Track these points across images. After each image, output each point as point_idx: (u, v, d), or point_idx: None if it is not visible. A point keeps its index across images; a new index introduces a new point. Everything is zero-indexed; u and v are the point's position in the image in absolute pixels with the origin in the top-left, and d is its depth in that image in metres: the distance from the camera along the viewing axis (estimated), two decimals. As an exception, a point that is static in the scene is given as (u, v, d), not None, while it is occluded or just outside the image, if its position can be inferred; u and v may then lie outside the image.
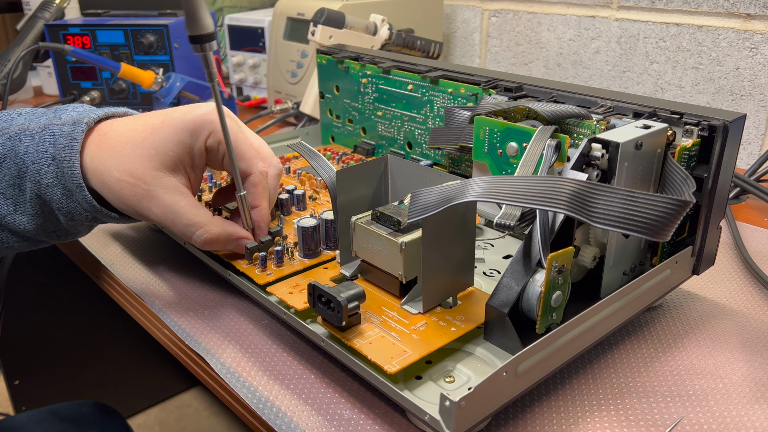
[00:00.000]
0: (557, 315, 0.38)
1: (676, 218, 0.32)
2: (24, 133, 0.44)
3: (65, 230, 0.47)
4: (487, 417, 0.34)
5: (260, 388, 0.40)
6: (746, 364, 0.42)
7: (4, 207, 0.45)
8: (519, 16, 1.04)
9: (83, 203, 0.44)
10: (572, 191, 0.32)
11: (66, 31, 0.95)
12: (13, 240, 0.47)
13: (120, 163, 0.43)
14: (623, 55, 0.92)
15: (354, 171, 0.46)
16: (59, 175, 0.43)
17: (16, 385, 1.18)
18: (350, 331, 0.39)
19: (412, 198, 0.38)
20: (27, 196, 0.45)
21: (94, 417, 0.78)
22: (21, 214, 0.45)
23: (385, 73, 0.64)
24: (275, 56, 0.97)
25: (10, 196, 0.45)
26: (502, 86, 0.54)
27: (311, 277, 0.46)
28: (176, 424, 1.42)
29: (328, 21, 0.81)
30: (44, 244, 0.49)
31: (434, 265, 0.39)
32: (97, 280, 0.60)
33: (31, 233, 0.46)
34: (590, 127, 0.44)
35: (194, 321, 0.47)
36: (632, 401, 0.38)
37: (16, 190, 0.45)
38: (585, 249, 0.40)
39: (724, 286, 0.51)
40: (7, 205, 0.45)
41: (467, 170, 0.59)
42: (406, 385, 0.37)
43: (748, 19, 0.79)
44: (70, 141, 0.43)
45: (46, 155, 0.43)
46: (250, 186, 0.46)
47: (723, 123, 0.41)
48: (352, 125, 0.72)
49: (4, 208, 0.45)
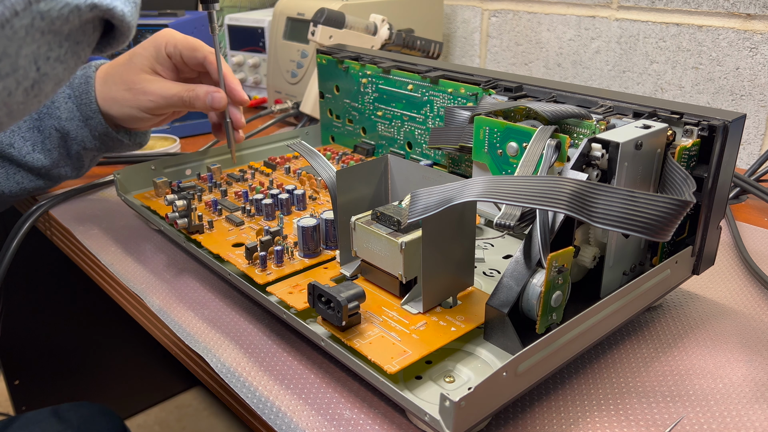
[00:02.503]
0: (557, 315, 0.38)
1: (677, 218, 0.32)
2: None
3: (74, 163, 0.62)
4: (487, 417, 0.34)
5: (260, 388, 0.40)
6: (746, 364, 0.42)
7: (24, 148, 0.59)
8: (519, 16, 1.04)
9: (98, 127, 0.59)
10: (572, 191, 0.32)
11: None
12: (27, 180, 0.61)
13: (117, 82, 0.58)
14: (623, 55, 0.92)
15: (354, 171, 0.46)
16: (77, 107, 0.59)
17: (16, 385, 1.18)
18: (350, 331, 0.39)
19: (412, 198, 0.38)
20: (46, 133, 0.59)
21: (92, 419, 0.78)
22: (39, 152, 0.60)
23: (385, 73, 0.64)
24: (275, 56, 0.97)
25: (29, 138, 0.59)
26: (502, 86, 0.54)
27: (311, 277, 0.46)
28: (176, 424, 1.42)
29: (328, 21, 0.81)
30: (53, 184, 0.64)
31: (434, 265, 0.39)
32: (97, 280, 0.60)
33: (45, 169, 0.61)
34: (590, 127, 0.44)
35: (194, 321, 0.47)
36: (632, 401, 0.38)
37: (35, 132, 0.59)
38: (585, 249, 0.40)
39: (724, 286, 0.51)
40: (26, 147, 0.59)
41: (467, 170, 0.59)
42: (406, 385, 0.37)
43: (748, 19, 0.79)
44: (85, 80, 0.59)
45: (64, 95, 0.59)
46: (209, 65, 0.60)
47: (723, 123, 0.41)
48: (352, 125, 0.72)
49: (24, 149, 0.59)
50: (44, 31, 0.25)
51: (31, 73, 0.26)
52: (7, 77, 0.25)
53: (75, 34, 0.27)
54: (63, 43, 0.27)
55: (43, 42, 0.25)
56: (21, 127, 0.59)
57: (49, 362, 1.21)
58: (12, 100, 0.26)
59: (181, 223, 0.52)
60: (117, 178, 0.62)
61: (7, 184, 0.61)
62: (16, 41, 0.24)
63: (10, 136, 0.59)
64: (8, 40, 0.24)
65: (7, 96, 0.25)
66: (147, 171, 0.64)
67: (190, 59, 0.59)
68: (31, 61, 0.26)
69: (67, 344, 1.22)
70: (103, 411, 0.81)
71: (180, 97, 0.58)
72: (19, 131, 0.59)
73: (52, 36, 0.26)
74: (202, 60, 0.60)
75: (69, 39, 0.27)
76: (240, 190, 0.60)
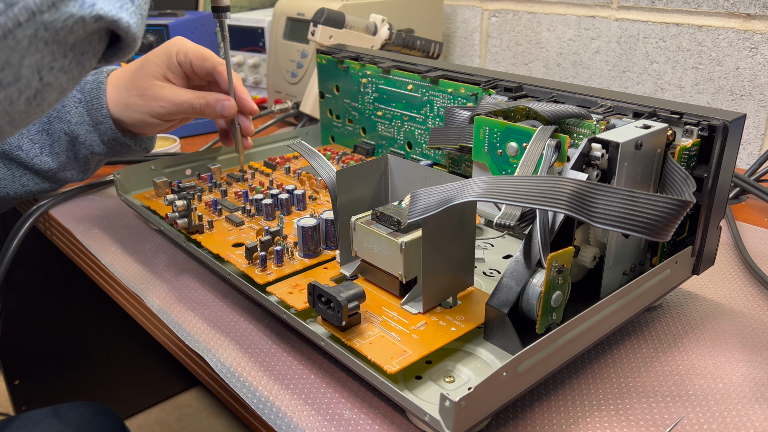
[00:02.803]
0: (557, 315, 0.38)
1: (677, 218, 0.32)
2: None
3: (81, 167, 0.63)
4: (487, 417, 0.34)
5: (260, 388, 0.40)
6: (746, 364, 0.42)
7: (32, 150, 0.60)
8: (519, 16, 1.04)
9: (108, 132, 0.60)
10: (572, 191, 0.32)
11: (66, 31, 0.94)
12: (33, 182, 0.62)
13: (129, 87, 0.60)
14: (623, 55, 0.92)
15: (354, 171, 0.46)
16: (87, 112, 0.59)
17: (16, 385, 1.18)
18: (350, 331, 0.39)
19: (412, 198, 0.38)
20: (55, 137, 0.60)
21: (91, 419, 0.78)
22: (47, 155, 0.60)
23: (385, 73, 0.64)
24: (275, 56, 0.97)
25: (37, 141, 0.60)
26: (502, 86, 0.54)
27: (311, 276, 0.46)
28: (176, 424, 1.42)
29: (328, 21, 0.81)
30: (57, 187, 0.64)
31: (434, 265, 0.39)
32: (97, 280, 0.60)
33: (51, 172, 0.61)
34: (590, 127, 0.44)
35: (194, 321, 0.47)
36: (632, 401, 0.38)
37: (44, 135, 0.60)
38: (585, 249, 0.40)
39: (724, 286, 0.51)
40: (34, 149, 0.60)
41: (467, 170, 0.59)
42: (406, 385, 0.37)
43: (748, 19, 0.79)
44: (97, 85, 0.60)
45: (74, 100, 0.60)
46: (218, 75, 0.61)
47: (723, 123, 0.41)
48: (352, 125, 0.72)
49: (32, 151, 0.60)
50: (48, 42, 0.25)
51: (33, 82, 0.26)
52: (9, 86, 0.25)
53: (80, 45, 0.27)
54: (67, 53, 0.27)
55: (47, 52, 0.25)
56: (30, 130, 0.60)
57: (49, 362, 1.21)
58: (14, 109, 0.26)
59: (181, 223, 0.52)
60: (117, 178, 0.62)
61: (13, 186, 0.61)
62: (19, 51, 0.24)
63: (18, 139, 0.60)
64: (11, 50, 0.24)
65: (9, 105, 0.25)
66: (147, 171, 0.64)
67: (200, 69, 0.60)
68: (34, 70, 0.25)
69: (67, 344, 1.22)
70: (103, 411, 0.81)
71: (191, 104, 0.59)
72: (28, 134, 0.60)
73: (56, 46, 0.26)
74: (211, 70, 0.61)
75: (74, 49, 0.27)
76: (240, 190, 0.60)
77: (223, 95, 0.60)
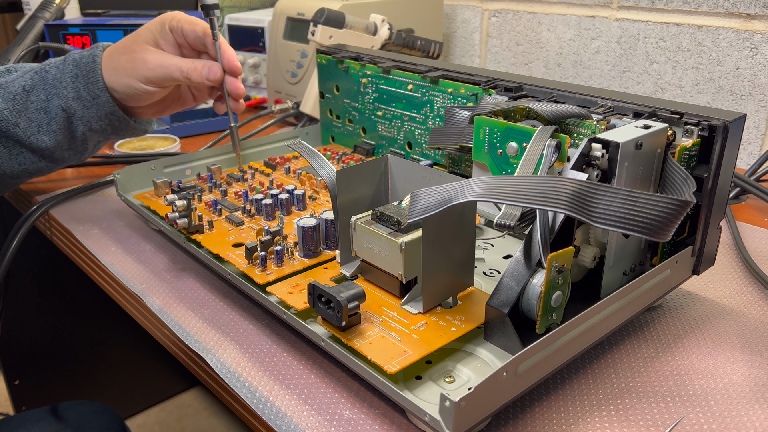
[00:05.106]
0: (557, 315, 0.38)
1: (677, 218, 0.32)
2: (49, 65, 0.61)
3: (78, 146, 0.62)
4: (487, 417, 0.34)
5: (260, 388, 0.40)
6: (746, 364, 0.42)
7: (30, 129, 0.59)
8: (519, 16, 1.04)
9: (105, 105, 0.60)
10: (572, 191, 0.32)
11: (66, 31, 0.94)
12: (30, 161, 0.61)
13: (121, 53, 0.60)
14: (623, 55, 0.92)
15: (354, 171, 0.46)
16: (84, 86, 0.59)
17: (16, 385, 1.18)
18: (350, 331, 0.38)
19: (412, 198, 0.38)
20: (52, 114, 0.60)
21: (91, 417, 0.78)
22: (44, 134, 0.60)
23: (385, 73, 0.64)
24: (275, 56, 0.97)
25: (35, 119, 0.60)
26: (502, 86, 0.53)
27: (311, 277, 0.46)
28: (176, 424, 1.42)
29: (328, 21, 0.81)
30: (55, 167, 0.64)
31: (434, 265, 0.39)
32: (97, 280, 0.60)
33: (48, 151, 0.61)
34: (590, 127, 0.44)
35: (194, 321, 0.47)
36: (632, 401, 0.38)
37: (42, 113, 0.60)
38: (585, 249, 0.40)
39: (724, 286, 0.51)
40: (32, 128, 0.60)
41: (467, 170, 0.59)
42: (406, 385, 0.37)
43: (748, 19, 0.79)
44: (92, 59, 0.60)
45: (71, 75, 0.60)
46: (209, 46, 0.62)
47: (723, 123, 0.41)
48: (352, 125, 0.72)
49: (30, 129, 0.59)
50: None
51: None
52: None
53: None
54: None
55: None
56: (28, 108, 0.59)
57: (49, 362, 1.21)
58: None
59: (181, 223, 0.52)
60: (117, 178, 0.62)
61: (9, 164, 0.61)
62: None
63: (16, 116, 0.59)
64: None
65: None
66: (147, 171, 0.64)
67: (190, 34, 0.61)
68: None
69: (67, 344, 1.22)
70: (102, 409, 0.81)
71: (179, 68, 0.60)
72: (26, 111, 0.59)
73: None
74: (201, 35, 0.61)
75: None
76: (240, 190, 0.60)
77: (210, 61, 0.61)
